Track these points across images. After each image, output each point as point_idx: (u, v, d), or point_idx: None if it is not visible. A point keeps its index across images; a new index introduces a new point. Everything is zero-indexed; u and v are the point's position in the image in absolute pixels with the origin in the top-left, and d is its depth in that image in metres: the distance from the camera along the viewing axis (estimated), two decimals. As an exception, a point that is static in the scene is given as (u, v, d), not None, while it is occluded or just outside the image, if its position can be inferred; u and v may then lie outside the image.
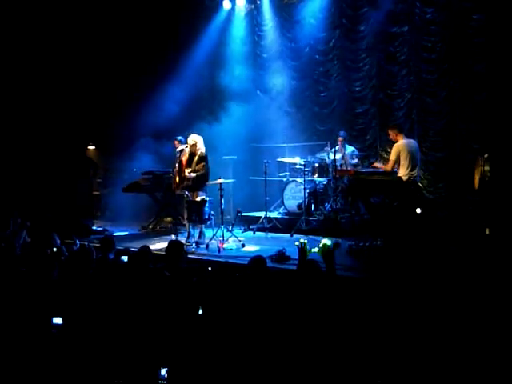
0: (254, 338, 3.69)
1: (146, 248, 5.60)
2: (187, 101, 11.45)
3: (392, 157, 7.80)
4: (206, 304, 4.14)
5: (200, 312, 4.13)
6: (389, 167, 7.85)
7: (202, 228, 8.79)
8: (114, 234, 9.47)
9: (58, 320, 4.39)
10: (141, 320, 4.15)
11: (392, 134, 8.04)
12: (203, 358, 3.61)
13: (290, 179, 10.18)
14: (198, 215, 8.45)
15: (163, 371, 3.66)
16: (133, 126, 11.34)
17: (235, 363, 3.53)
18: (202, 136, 8.99)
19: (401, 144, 7.79)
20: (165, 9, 11.55)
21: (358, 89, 10.81)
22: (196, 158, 8.73)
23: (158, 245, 8.26)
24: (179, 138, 10.00)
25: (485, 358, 3.73)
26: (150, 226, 10.35)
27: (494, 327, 4.22)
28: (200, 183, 8.72)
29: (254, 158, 11.26)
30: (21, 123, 10.64)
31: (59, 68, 10.96)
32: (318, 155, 10.07)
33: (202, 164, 8.68)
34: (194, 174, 8.64)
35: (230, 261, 7.17)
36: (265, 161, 9.96)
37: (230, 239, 8.62)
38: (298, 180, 9.95)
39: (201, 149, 8.77)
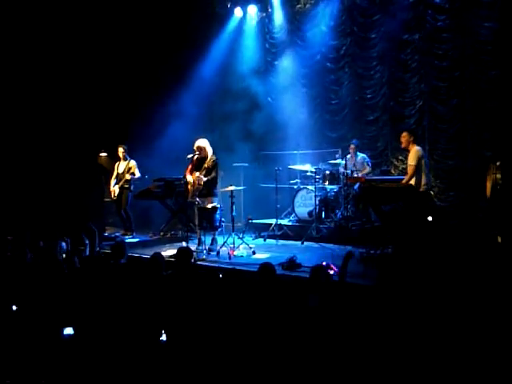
0: (261, 343, 3.69)
1: (158, 255, 5.61)
2: (198, 108, 11.50)
3: (413, 162, 7.39)
4: (216, 310, 4.15)
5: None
6: (411, 171, 7.38)
7: (214, 235, 8.80)
8: (125, 241, 9.49)
9: (69, 330, 4.40)
10: (149, 325, 4.16)
11: (406, 138, 7.67)
12: (211, 365, 3.62)
13: (301, 186, 10.19)
14: (208, 222, 8.46)
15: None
16: (144, 133, 11.40)
17: (241, 370, 3.53)
18: (213, 143, 8.99)
19: (420, 149, 7.54)
20: (175, 17, 11.61)
21: (369, 96, 10.81)
22: (207, 160, 8.65)
23: (169, 251, 8.27)
24: (126, 147, 10.39)
25: (498, 363, 3.71)
26: (161, 233, 10.37)
27: (507, 333, 4.19)
28: (212, 187, 8.69)
29: (264, 165, 11.28)
30: (33, 130, 10.71)
31: (71, 75, 11.03)
32: (330, 162, 10.05)
33: (215, 166, 8.65)
34: (205, 178, 8.53)
35: (241, 268, 7.17)
36: (276, 168, 9.97)
37: (241, 246, 8.62)
38: (309, 187, 9.96)
39: (209, 151, 8.76)
